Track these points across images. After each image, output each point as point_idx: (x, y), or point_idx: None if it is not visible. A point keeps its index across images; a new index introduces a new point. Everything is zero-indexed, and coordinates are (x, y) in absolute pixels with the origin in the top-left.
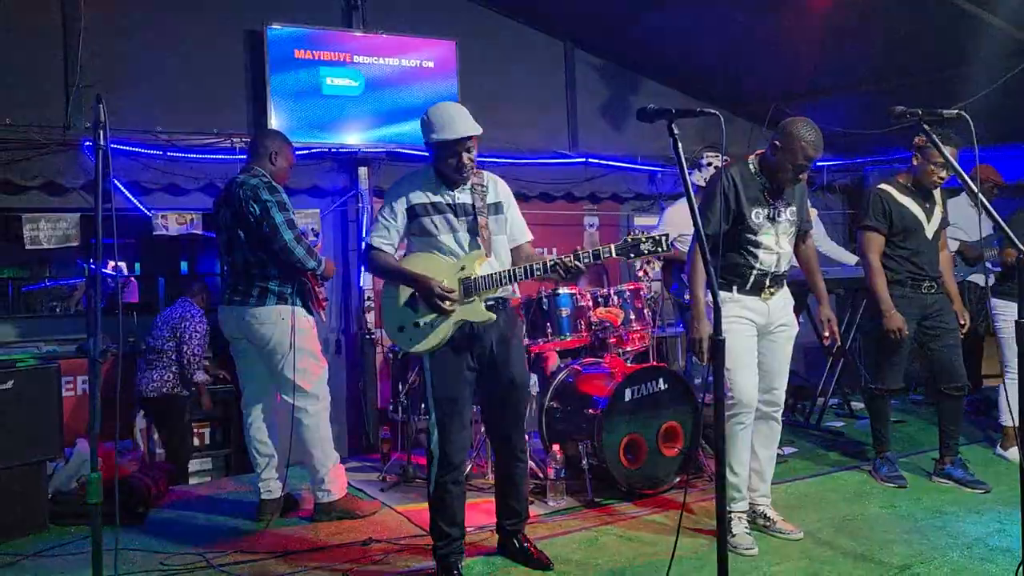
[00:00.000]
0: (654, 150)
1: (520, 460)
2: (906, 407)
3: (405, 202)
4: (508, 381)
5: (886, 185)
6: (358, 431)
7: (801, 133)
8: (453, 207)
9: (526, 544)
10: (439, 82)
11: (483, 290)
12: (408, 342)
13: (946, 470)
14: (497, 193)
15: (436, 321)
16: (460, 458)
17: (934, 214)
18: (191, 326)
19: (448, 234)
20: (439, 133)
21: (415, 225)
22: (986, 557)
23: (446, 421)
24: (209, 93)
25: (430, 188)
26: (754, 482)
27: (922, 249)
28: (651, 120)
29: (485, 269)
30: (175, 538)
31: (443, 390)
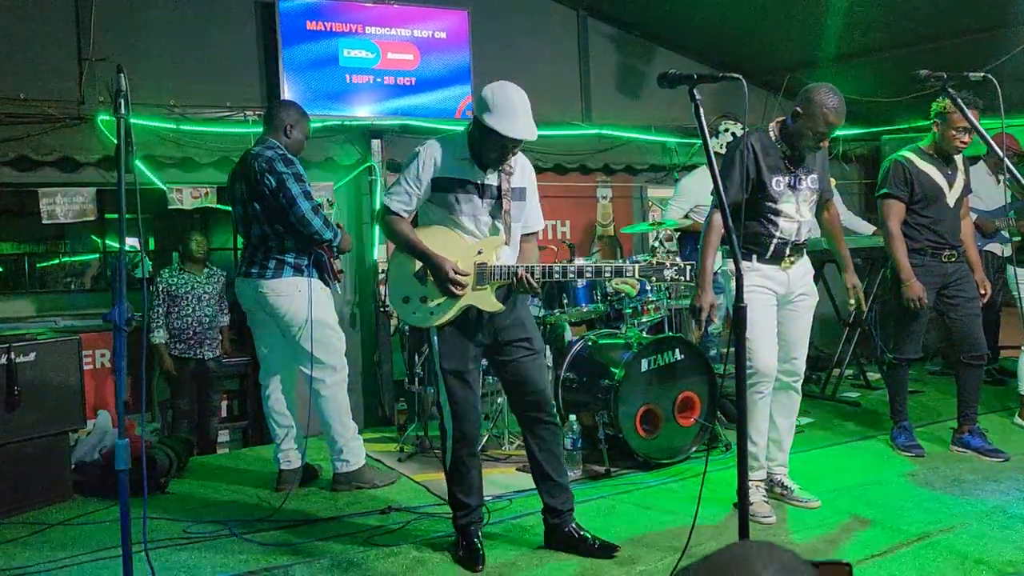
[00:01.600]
0: (668, 121)
1: (551, 419)
2: (923, 377)
3: (432, 171)
4: (527, 344)
5: (908, 152)
6: (374, 403)
7: (824, 100)
8: (480, 187)
9: (584, 532)
10: (452, 53)
11: (497, 279)
12: (411, 315)
13: (964, 439)
14: (523, 178)
15: (444, 302)
16: (473, 430)
17: (956, 181)
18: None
19: (470, 214)
20: (497, 121)
21: (437, 196)
22: (1006, 525)
23: (456, 394)
24: (222, 66)
25: (462, 163)
26: (772, 451)
27: (943, 217)
28: (672, 85)
29: (502, 257)
30: (197, 508)
31: (452, 363)
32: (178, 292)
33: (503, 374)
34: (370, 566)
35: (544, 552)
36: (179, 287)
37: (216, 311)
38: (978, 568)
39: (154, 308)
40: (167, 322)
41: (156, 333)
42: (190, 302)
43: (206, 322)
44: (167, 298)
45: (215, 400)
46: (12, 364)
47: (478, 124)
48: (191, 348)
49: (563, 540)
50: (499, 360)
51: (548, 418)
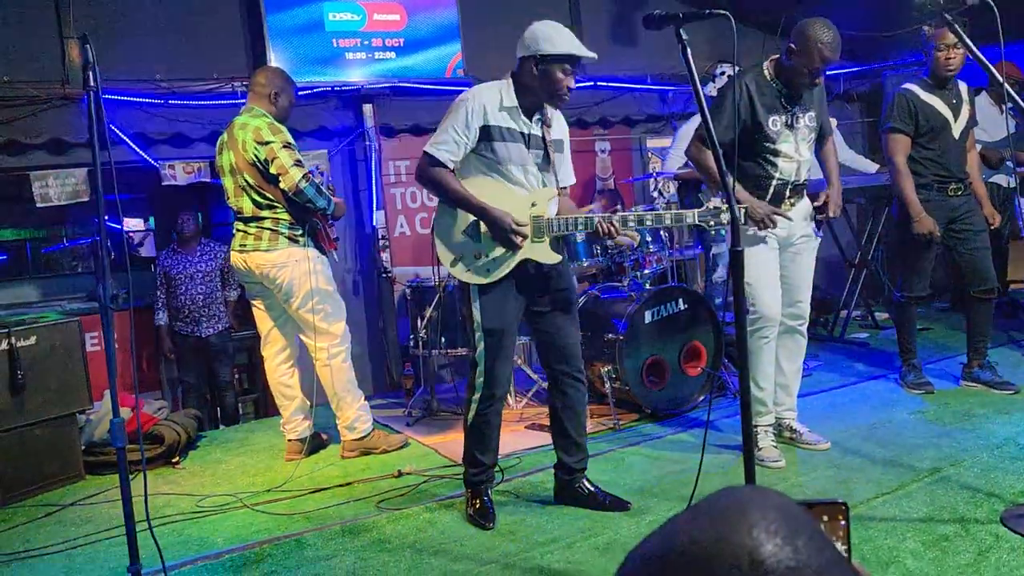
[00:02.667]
0: (664, 69)
1: (579, 379)
2: (931, 315)
3: (482, 119)
4: (566, 296)
5: (911, 85)
6: (381, 369)
7: (818, 34)
8: (527, 137)
9: (594, 488)
10: (439, 10)
11: (555, 231)
12: (464, 272)
13: (974, 373)
14: (561, 130)
15: (501, 256)
16: (503, 390)
17: (961, 112)
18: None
19: (519, 165)
20: (553, 45)
21: (485, 146)
22: (1016, 456)
23: (494, 352)
24: (207, 37)
25: (509, 110)
26: (780, 396)
27: (949, 150)
28: (659, 27)
29: (553, 207)
30: (209, 480)
31: (493, 321)
32: (172, 272)
33: (537, 325)
34: (381, 529)
35: (554, 508)
36: (172, 267)
37: (215, 287)
38: (990, 500)
39: (157, 290)
40: (167, 302)
41: (157, 315)
42: (183, 281)
43: (200, 300)
44: (165, 279)
45: (224, 374)
46: (14, 349)
47: (534, 61)
48: (188, 326)
49: (574, 496)
50: (535, 311)
51: (576, 373)
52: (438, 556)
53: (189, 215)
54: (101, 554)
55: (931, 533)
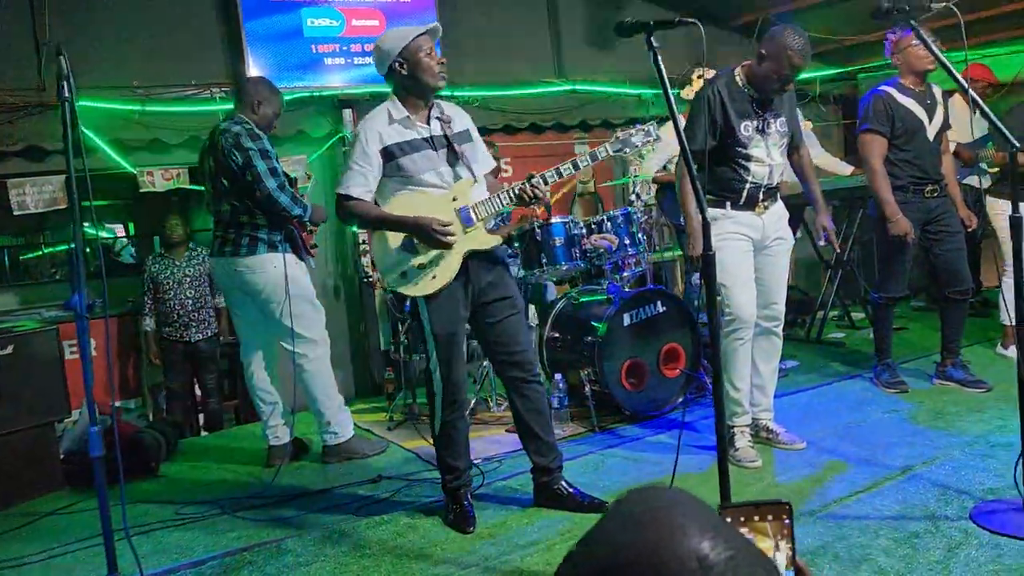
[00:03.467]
0: (643, 73)
1: (536, 382)
2: (907, 314)
3: (378, 143)
4: (508, 303)
5: (887, 87)
6: (363, 373)
7: (787, 41)
8: (430, 140)
9: (573, 489)
10: (418, 16)
11: (482, 216)
12: (414, 287)
13: (947, 372)
14: (462, 122)
15: (442, 259)
16: (462, 396)
17: (936, 114)
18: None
19: (430, 171)
20: (402, 39)
21: (392, 167)
22: (987, 453)
23: (446, 359)
24: (184, 44)
25: (400, 124)
26: (756, 397)
27: (924, 151)
28: (629, 34)
29: (476, 195)
30: (189, 488)
31: (442, 327)
32: (159, 278)
33: (486, 335)
34: (361, 535)
35: (534, 511)
36: (159, 272)
37: (204, 292)
38: (960, 497)
39: (144, 296)
40: (155, 308)
41: (144, 321)
42: (171, 287)
43: (189, 304)
44: (152, 285)
45: (209, 380)
46: None
47: (392, 68)
48: (177, 331)
49: (553, 497)
50: (483, 321)
51: (532, 377)
52: (418, 561)
53: (177, 220)
54: (80, 564)
55: (903, 531)
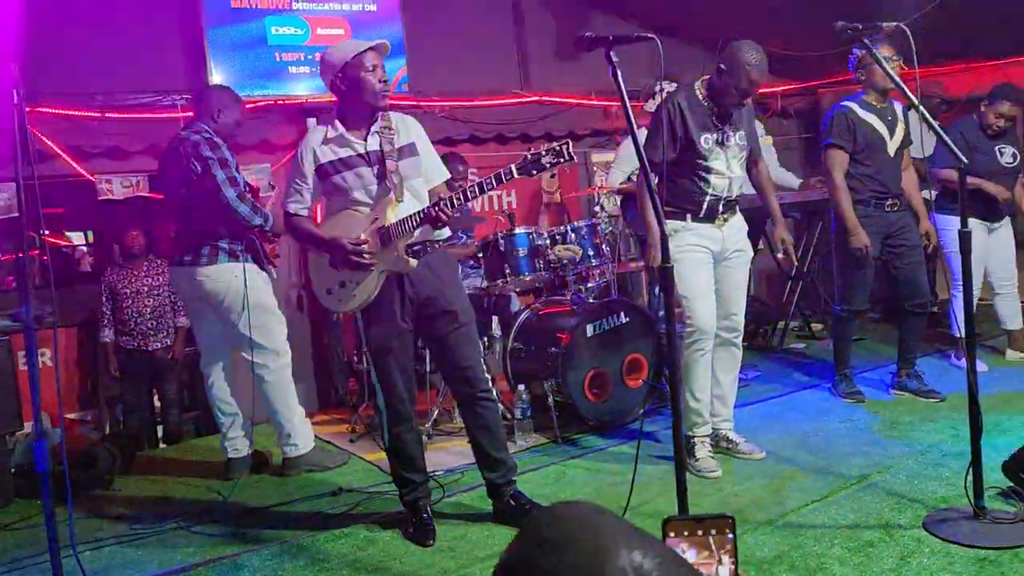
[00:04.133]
0: (607, 85)
1: (485, 399)
2: (864, 325)
3: (313, 162)
4: (451, 318)
5: (849, 102)
6: (326, 384)
7: (745, 57)
8: (365, 156)
9: (522, 501)
10: (383, 27)
11: (399, 236)
12: (337, 303)
13: (902, 382)
14: (408, 134)
15: (359, 277)
16: (407, 408)
17: (896, 130)
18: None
19: (360, 189)
20: (345, 55)
21: (327, 184)
22: (939, 462)
23: (385, 373)
24: (145, 51)
25: (335, 142)
26: (717, 407)
27: (885, 167)
28: (589, 49)
29: (400, 214)
30: (145, 503)
31: (377, 341)
32: (117, 287)
33: (433, 350)
34: (320, 548)
35: (495, 524)
36: (117, 282)
37: (163, 303)
38: (913, 506)
39: (102, 306)
40: (113, 318)
41: (103, 332)
42: (130, 296)
43: (148, 314)
44: (110, 295)
45: (169, 391)
46: None
47: (335, 83)
48: (136, 340)
49: (506, 512)
50: (427, 336)
51: (481, 393)
52: (377, 574)
53: (137, 232)
54: None
55: (857, 539)
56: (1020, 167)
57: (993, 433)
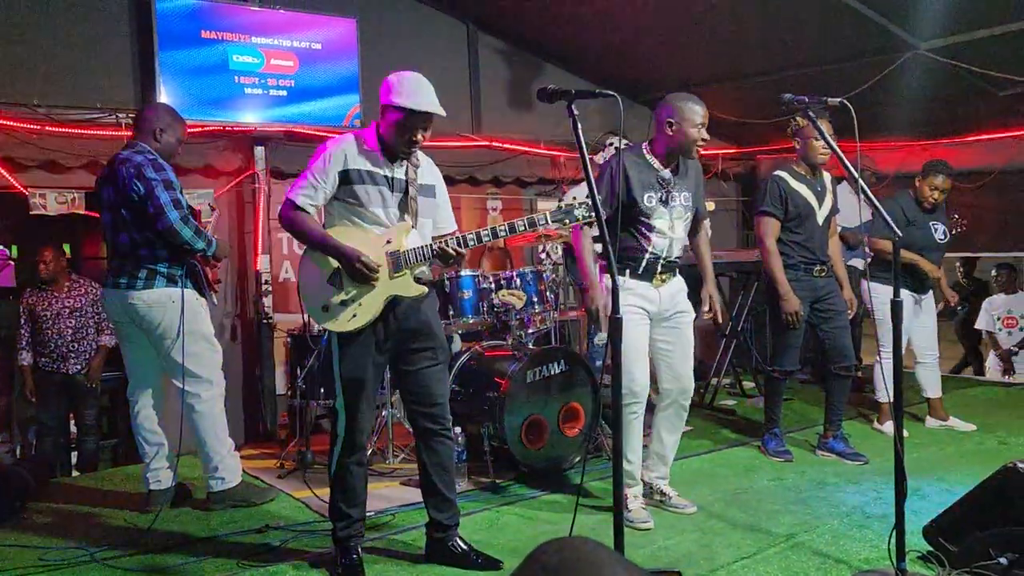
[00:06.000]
0: (557, 135)
1: (446, 436)
2: (793, 385)
3: (342, 164)
4: (431, 353)
5: (781, 172)
6: (255, 418)
7: (687, 102)
8: (390, 180)
9: (467, 546)
10: (339, 61)
11: (413, 263)
12: (334, 322)
13: (828, 444)
14: (431, 175)
15: (364, 297)
16: (364, 439)
17: (825, 200)
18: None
19: (379, 207)
20: (407, 98)
21: (345, 191)
22: (863, 524)
23: (354, 403)
24: (93, 66)
25: (370, 156)
26: (655, 464)
27: (814, 234)
28: (550, 100)
29: (412, 242)
30: (56, 532)
31: (352, 371)
32: (36, 310)
33: (404, 383)
34: None
35: (426, 567)
36: (36, 304)
37: (86, 324)
38: (838, 567)
39: (20, 328)
40: (32, 340)
41: (20, 355)
42: (50, 319)
43: (68, 335)
44: (29, 316)
45: (88, 417)
46: None
47: (388, 109)
48: (55, 362)
49: (446, 554)
50: (402, 369)
51: (444, 431)
52: None
53: (51, 252)
54: None
55: None
56: (949, 244)
57: (914, 498)
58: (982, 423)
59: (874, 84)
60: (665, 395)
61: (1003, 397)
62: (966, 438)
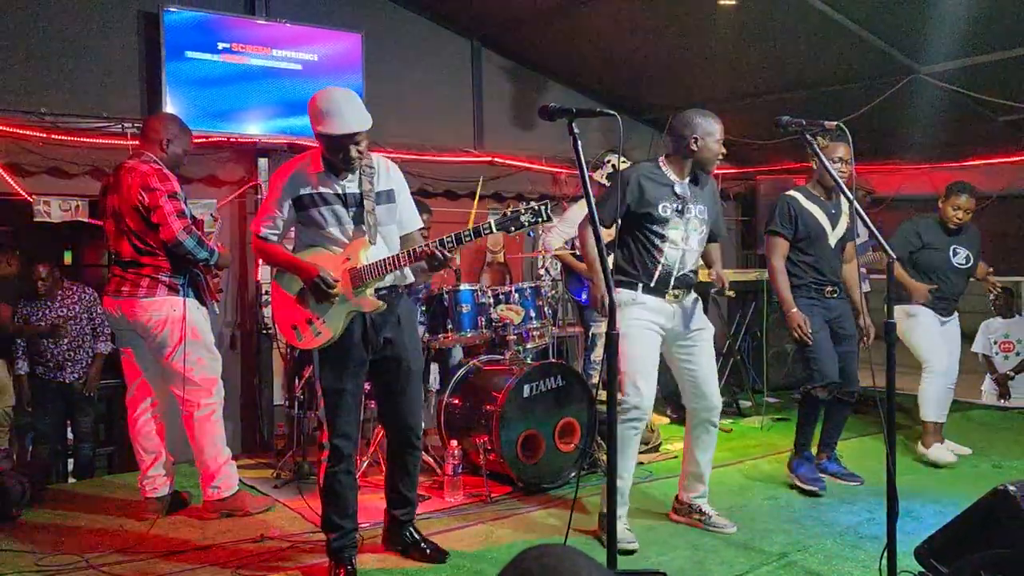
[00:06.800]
0: (558, 152)
1: (415, 448)
2: (790, 405)
3: (292, 192)
4: (404, 368)
5: (794, 192)
6: (252, 428)
7: (709, 119)
8: (343, 197)
9: (418, 536)
10: (344, 75)
11: (370, 278)
12: (300, 339)
13: (823, 464)
14: (389, 179)
15: (326, 314)
16: (350, 449)
17: (839, 223)
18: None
19: (336, 226)
20: (325, 126)
21: (303, 216)
22: (856, 544)
23: (335, 412)
24: (100, 75)
25: (318, 177)
26: (693, 484)
27: (824, 256)
28: (552, 118)
29: (371, 257)
30: (53, 539)
31: (332, 381)
32: (32, 320)
33: (379, 395)
34: None
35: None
36: (32, 315)
37: (82, 332)
38: None
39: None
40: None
41: (17, 364)
42: (45, 327)
43: (64, 344)
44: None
45: (85, 424)
46: None
47: (317, 136)
48: (51, 371)
49: (399, 542)
50: (377, 382)
51: (415, 440)
52: None
53: (46, 268)
54: None
55: None
56: (973, 268)
57: (907, 519)
58: (977, 446)
59: (874, 108)
60: (693, 414)
61: (998, 420)
62: (960, 461)
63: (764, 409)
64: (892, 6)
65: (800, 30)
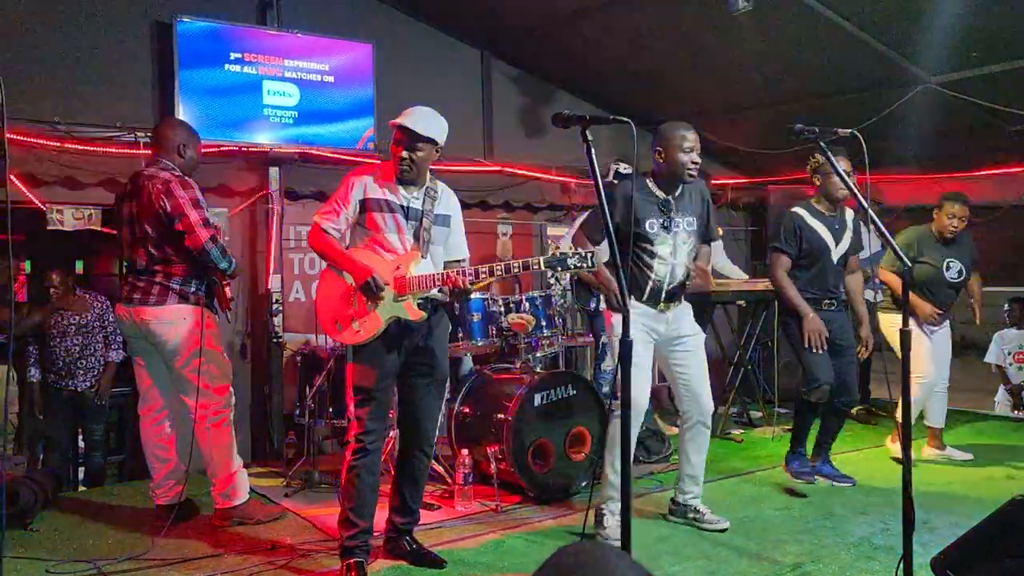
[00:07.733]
0: (569, 161)
1: (425, 454)
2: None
3: (361, 193)
4: (431, 375)
5: (799, 208)
6: (263, 436)
7: (674, 128)
8: (406, 209)
9: (416, 545)
10: (355, 85)
11: (416, 289)
12: (342, 335)
13: (818, 468)
14: (448, 206)
15: (370, 314)
16: (375, 445)
17: (843, 238)
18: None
19: (394, 233)
20: (398, 117)
21: (364, 217)
22: (870, 555)
23: (364, 410)
24: (113, 85)
25: (388, 186)
26: (688, 485)
27: (826, 270)
28: (565, 125)
29: (419, 270)
30: (64, 546)
31: (364, 380)
32: (44, 328)
33: (402, 398)
34: None
35: None
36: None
37: (94, 340)
38: None
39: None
40: (41, 356)
41: (29, 372)
42: (56, 336)
43: (76, 352)
44: (38, 335)
45: (96, 432)
46: None
47: (403, 148)
48: (63, 379)
49: (396, 551)
50: (402, 385)
51: (425, 453)
52: None
53: (59, 275)
54: None
55: None
56: (965, 281)
57: (922, 530)
58: (991, 457)
59: (884, 117)
60: (687, 417)
61: (1012, 431)
62: (975, 471)
63: (775, 420)
64: (902, 16)
65: (810, 39)
